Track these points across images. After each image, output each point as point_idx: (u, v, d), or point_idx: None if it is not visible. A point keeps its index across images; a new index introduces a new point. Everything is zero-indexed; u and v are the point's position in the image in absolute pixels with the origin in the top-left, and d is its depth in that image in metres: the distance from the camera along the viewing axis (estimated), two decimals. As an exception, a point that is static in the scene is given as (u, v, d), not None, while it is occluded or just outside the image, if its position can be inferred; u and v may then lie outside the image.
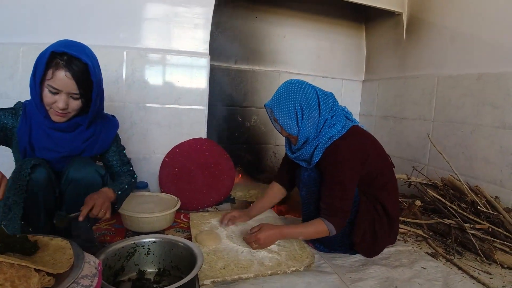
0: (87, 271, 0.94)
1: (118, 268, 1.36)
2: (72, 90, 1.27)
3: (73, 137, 1.39)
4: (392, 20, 2.97)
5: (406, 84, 2.81)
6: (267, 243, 1.62)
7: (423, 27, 2.69)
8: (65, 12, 2.21)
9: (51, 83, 1.24)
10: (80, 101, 1.32)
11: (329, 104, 1.58)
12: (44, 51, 1.25)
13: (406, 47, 2.85)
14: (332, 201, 1.52)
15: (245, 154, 3.10)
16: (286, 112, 1.54)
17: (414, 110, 2.72)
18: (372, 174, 1.60)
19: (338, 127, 1.55)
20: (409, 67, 2.81)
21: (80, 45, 1.31)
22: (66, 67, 1.23)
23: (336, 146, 1.53)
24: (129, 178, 1.52)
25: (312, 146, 1.57)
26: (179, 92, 2.46)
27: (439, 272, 1.59)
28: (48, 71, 1.24)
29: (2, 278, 0.74)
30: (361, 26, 3.34)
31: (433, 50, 2.59)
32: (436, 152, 2.28)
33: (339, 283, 1.45)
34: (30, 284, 0.75)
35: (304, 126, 1.54)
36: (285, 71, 3.08)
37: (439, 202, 2.06)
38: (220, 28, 2.84)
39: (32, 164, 1.26)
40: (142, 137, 2.43)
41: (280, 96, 1.56)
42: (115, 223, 1.97)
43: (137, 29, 2.37)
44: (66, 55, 1.24)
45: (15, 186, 1.23)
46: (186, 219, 2.09)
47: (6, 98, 2.14)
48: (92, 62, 1.29)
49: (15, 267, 0.80)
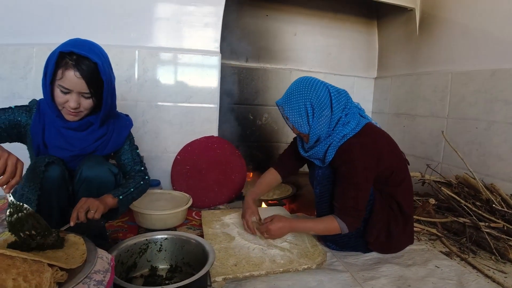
0: (100, 266, 0.94)
1: (131, 264, 1.38)
2: (82, 89, 1.27)
3: (85, 136, 1.40)
4: (404, 16, 2.94)
5: (419, 80, 2.78)
6: (278, 234, 1.63)
7: (436, 22, 2.65)
8: (77, 12, 2.24)
9: (61, 83, 1.25)
10: (92, 100, 1.32)
11: (342, 101, 1.55)
12: (53, 52, 1.26)
13: (418, 43, 2.82)
14: (345, 200, 1.50)
15: (256, 152, 3.10)
16: (296, 111, 1.53)
17: (427, 107, 2.68)
18: (387, 172, 1.57)
19: (352, 125, 1.53)
20: (422, 64, 2.78)
21: (89, 43, 1.31)
22: (75, 67, 1.23)
23: (350, 145, 1.51)
24: (138, 180, 1.49)
25: (325, 144, 1.55)
26: (190, 90, 2.47)
27: (453, 271, 1.56)
28: (58, 71, 1.24)
29: (15, 273, 0.75)
30: (373, 22, 3.31)
31: (446, 46, 2.55)
32: (450, 150, 2.25)
33: (352, 281, 1.43)
34: (43, 278, 0.76)
35: (316, 125, 1.52)
36: (296, 69, 3.07)
37: (453, 200, 2.03)
38: (231, 26, 2.84)
39: (47, 162, 1.27)
40: (154, 135, 2.45)
41: (291, 94, 1.55)
42: (128, 220, 1.99)
43: (149, 28, 2.39)
44: (74, 55, 1.24)
45: (29, 183, 1.24)
46: (198, 216, 2.11)
47: (19, 98, 2.17)
48: (101, 60, 1.29)
49: (28, 262, 0.82)
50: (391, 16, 3.11)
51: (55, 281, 0.80)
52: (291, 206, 2.42)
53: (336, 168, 1.55)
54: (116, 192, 1.35)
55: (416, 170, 2.37)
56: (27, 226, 1.01)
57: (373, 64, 3.36)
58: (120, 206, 1.36)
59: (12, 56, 2.20)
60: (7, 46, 2.18)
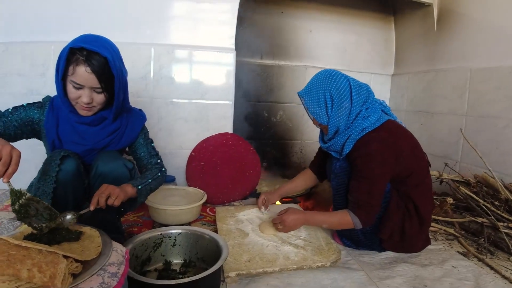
0: (114, 259, 0.95)
1: (145, 258, 1.39)
2: (94, 84, 1.29)
3: (98, 130, 1.42)
4: (422, 12, 2.88)
5: (437, 77, 2.72)
6: (291, 226, 1.64)
7: (454, 18, 2.59)
8: (94, 10, 2.27)
9: (73, 79, 1.27)
10: (104, 95, 1.34)
11: (363, 95, 1.54)
12: (64, 48, 1.28)
13: (436, 39, 2.76)
14: (359, 194, 1.49)
15: (270, 149, 3.09)
16: (315, 101, 1.53)
17: (446, 104, 2.63)
18: (405, 172, 1.54)
19: (372, 119, 1.52)
20: (440, 60, 2.72)
21: (99, 38, 1.33)
22: (85, 62, 1.25)
23: (368, 138, 1.49)
24: (155, 172, 1.52)
25: (344, 136, 1.54)
26: (205, 87, 2.48)
27: (470, 271, 1.53)
28: (69, 67, 1.26)
29: (30, 264, 0.76)
30: (390, 18, 3.26)
31: (465, 42, 2.49)
32: (469, 148, 2.20)
33: (366, 280, 1.42)
34: (57, 269, 0.77)
35: (334, 116, 1.52)
36: (312, 66, 3.05)
37: (471, 200, 1.98)
38: (246, 23, 2.84)
39: (62, 155, 1.28)
40: (169, 132, 2.47)
41: (312, 85, 1.56)
42: (143, 215, 2.01)
43: (164, 26, 2.40)
44: (85, 50, 1.25)
45: (45, 176, 1.26)
46: (212, 212, 2.11)
47: (37, 94, 2.21)
48: (112, 55, 1.30)
49: (43, 253, 0.83)
50: (408, 12, 3.06)
51: (69, 272, 0.81)
52: (305, 204, 2.41)
53: (352, 161, 1.53)
54: (135, 182, 1.38)
55: (434, 169, 2.32)
56: (31, 210, 1.02)
57: (390, 61, 3.31)
58: (139, 196, 1.39)
59: (31, 53, 2.24)
60: (27, 43, 2.23)
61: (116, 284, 0.86)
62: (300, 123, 3.09)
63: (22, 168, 1.19)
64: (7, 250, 0.80)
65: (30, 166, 1.58)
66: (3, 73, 2.25)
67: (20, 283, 0.74)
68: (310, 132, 3.09)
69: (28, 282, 0.74)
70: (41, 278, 0.74)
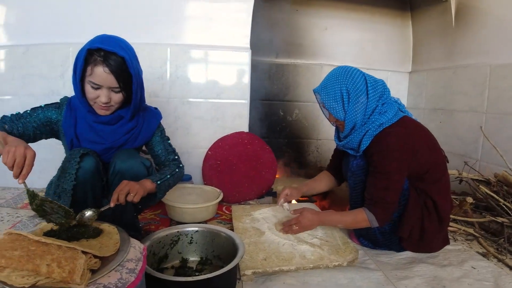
0: (132, 255, 0.97)
1: (162, 256, 1.41)
2: (112, 84, 1.31)
3: (115, 129, 1.44)
4: (439, 7, 2.83)
5: (456, 74, 2.67)
6: (307, 226, 1.64)
7: (472, 13, 2.54)
8: (111, 12, 2.31)
9: (91, 79, 1.30)
10: (121, 94, 1.36)
11: (379, 90, 1.53)
12: (81, 49, 1.31)
13: (455, 35, 2.70)
14: (375, 190, 1.47)
15: (286, 148, 3.08)
16: (332, 96, 1.53)
17: (465, 101, 2.57)
18: (424, 168, 1.52)
19: (389, 115, 1.50)
20: (459, 56, 2.66)
21: (115, 39, 1.35)
22: (103, 62, 1.27)
23: (385, 134, 1.48)
24: (173, 168, 1.53)
25: (361, 132, 1.53)
26: (221, 86, 2.49)
27: (490, 272, 1.50)
28: (87, 68, 1.29)
29: (49, 259, 0.78)
30: (407, 14, 3.20)
31: (484, 38, 2.43)
32: (489, 146, 2.15)
33: (384, 280, 1.40)
34: (76, 265, 0.78)
35: (351, 111, 1.51)
36: (327, 64, 3.02)
37: (491, 199, 1.94)
38: (261, 22, 2.83)
39: (81, 153, 1.31)
40: (186, 131, 2.49)
41: (328, 81, 1.56)
42: (160, 213, 2.03)
43: (179, 26, 2.43)
44: (102, 51, 1.28)
45: (64, 174, 1.29)
46: (228, 211, 2.12)
47: (57, 95, 2.24)
48: (128, 54, 1.32)
49: (62, 248, 0.84)
50: (425, 8, 3.00)
51: (88, 268, 0.82)
52: (322, 203, 2.40)
53: (369, 157, 1.52)
54: (154, 178, 1.40)
55: (454, 167, 2.27)
56: (47, 209, 1.06)
57: (407, 58, 3.25)
58: (158, 191, 1.41)
59: (51, 55, 2.30)
60: (46, 45, 2.28)
61: (134, 280, 0.88)
62: (316, 121, 3.07)
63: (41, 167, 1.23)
64: (27, 245, 0.82)
65: (50, 166, 1.61)
66: (23, 75, 2.31)
67: (39, 278, 0.76)
68: (326, 131, 3.07)
69: (47, 277, 0.76)
70: (60, 273, 0.75)
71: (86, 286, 0.78)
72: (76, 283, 0.76)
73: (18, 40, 2.31)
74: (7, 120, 1.31)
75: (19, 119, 1.34)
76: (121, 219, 1.40)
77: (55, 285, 0.77)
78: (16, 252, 0.78)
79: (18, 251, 0.79)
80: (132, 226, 1.48)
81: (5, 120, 1.31)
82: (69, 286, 0.77)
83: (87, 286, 0.79)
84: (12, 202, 2.10)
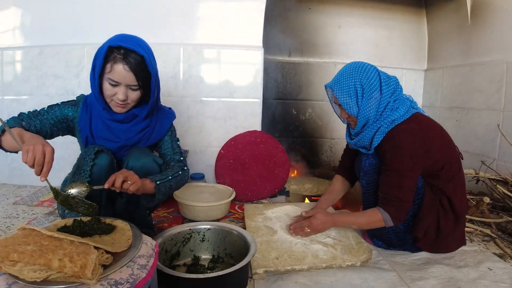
0: (144, 252, 0.97)
1: (174, 253, 1.41)
2: (130, 82, 1.32)
3: (129, 127, 1.45)
4: (454, 4, 2.77)
5: (472, 71, 2.61)
6: (319, 229, 1.62)
7: (488, 9, 2.48)
8: (126, 13, 2.35)
9: (110, 76, 1.31)
10: (139, 92, 1.38)
11: (392, 86, 1.52)
12: (102, 47, 1.32)
13: (471, 32, 2.65)
14: (388, 189, 1.45)
15: (300, 147, 3.07)
16: (346, 91, 1.51)
17: (482, 99, 2.52)
18: (438, 165, 1.50)
19: (401, 111, 1.48)
20: (475, 53, 2.61)
21: (135, 38, 1.37)
22: (123, 60, 1.29)
23: (397, 131, 1.46)
24: (176, 170, 1.50)
25: (373, 129, 1.51)
26: (233, 85, 2.49)
27: (506, 273, 1.46)
28: (106, 65, 1.30)
29: (61, 254, 0.78)
30: (422, 10, 3.14)
31: (501, 34, 2.37)
32: (507, 145, 2.10)
33: (398, 281, 1.38)
34: (88, 260, 0.78)
35: (364, 106, 1.50)
36: (341, 62, 2.99)
37: (509, 199, 1.90)
38: (273, 21, 2.83)
39: (96, 150, 1.33)
40: (199, 130, 2.50)
41: (341, 75, 1.54)
42: (173, 211, 2.04)
43: (192, 25, 2.44)
44: (122, 49, 1.29)
45: (80, 171, 1.30)
46: (241, 210, 2.12)
47: (72, 95, 2.29)
48: (147, 54, 1.34)
49: (75, 244, 0.85)
50: (440, 4, 2.94)
51: (100, 263, 0.82)
52: (335, 203, 2.37)
53: (382, 154, 1.50)
54: (154, 178, 1.37)
55: (470, 167, 2.22)
56: (72, 203, 1.10)
57: (423, 56, 3.19)
58: (157, 192, 1.37)
59: (66, 55, 2.34)
60: (61, 46, 2.33)
61: (145, 276, 0.88)
62: (329, 120, 3.05)
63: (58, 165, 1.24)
64: (40, 240, 0.83)
65: (66, 163, 1.64)
66: (40, 75, 2.36)
67: (51, 272, 0.76)
68: (339, 130, 3.04)
69: (59, 272, 0.76)
70: (72, 268, 0.76)
71: (98, 281, 0.79)
72: (87, 278, 0.77)
73: (34, 41, 2.36)
74: (25, 117, 1.33)
75: (36, 116, 1.36)
76: (135, 216, 1.41)
77: (66, 279, 0.77)
78: (29, 246, 0.79)
79: (31, 246, 0.79)
80: (145, 223, 1.49)
81: (22, 117, 1.33)
82: (80, 280, 0.77)
83: (99, 281, 0.79)
84: (28, 200, 2.14)
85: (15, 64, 2.38)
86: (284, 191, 2.44)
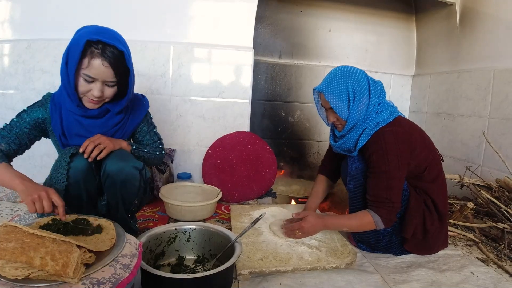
0: (127, 251, 0.96)
1: (159, 252, 1.40)
2: (108, 78, 1.27)
3: (103, 122, 1.41)
4: (444, 11, 2.81)
5: (459, 78, 2.66)
6: (310, 232, 1.62)
7: (477, 18, 2.53)
8: (115, 9, 2.32)
9: (86, 72, 1.25)
10: (115, 88, 1.33)
11: (378, 90, 1.56)
12: (77, 40, 1.24)
13: (459, 40, 2.69)
14: (377, 191, 1.47)
15: (287, 149, 3.08)
16: (337, 95, 1.52)
17: (469, 106, 2.56)
18: (421, 166, 1.54)
19: (385, 114, 1.52)
20: (463, 61, 2.65)
21: (112, 31, 1.31)
22: (102, 55, 1.23)
23: (382, 133, 1.49)
24: (154, 149, 1.56)
25: (358, 131, 1.54)
26: (223, 86, 2.49)
27: (489, 278, 1.48)
28: (83, 60, 1.24)
29: (43, 252, 0.77)
30: (411, 17, 3.19)
31: (489, 42, 2.42)
32: (491, 152, 2.14)
33: (382, 283, 1.39)
34: (70, 258, 0.78)
35: (355, 110, 1.52)
36: (331, 65, 3.01)
37: (492, 205, 1.92)
38: (264, 22, 2.84)
39: (71, 153, 1.28)
40: (187, 129, 2.49)
41: (332, 79, 1.55)
42: (159, 210, 2.03)
43: (183, 24, 2.43)
44: (101, 43, 1.23)
45: (57, 175, 1.26)
46: (227, 210, 2.11)
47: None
48: (126, 49, 1.30)
49: (57, 242, 0.84)
50: (430, 11, 2.99)
51: (82, 262, 0.82)
52: (321, 205, 2.38)
53: (368, 158, 1.52)
54: (131, 143, 1.43)
55: (455, 172, 2.26)
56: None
57: (411, 61, 3.24)
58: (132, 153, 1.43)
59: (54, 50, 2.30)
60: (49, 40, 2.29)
61: (128, 276, 0.87)
62: (317, 123, 3.06)
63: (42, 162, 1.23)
64: (22, 238, 0.82)
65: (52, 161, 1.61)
66: (27, 69, 2.31)
67: (33, 270, 0.75)
68: (327, 132, 3.04)
69: (41, 270, 0.76)
70: (54, 267, 0.75)
71: (79, 280, 0.78)
72: (69, 276, 0.76)
73: (22, 35, 2.31)
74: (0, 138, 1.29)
75: (11, 131, 1.31)
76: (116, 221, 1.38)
77: (48, 278, 0.76)
78: (11, 244, 0.78)
79: (13, 243, 0.78)
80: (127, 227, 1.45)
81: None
82: (62, 279, 0.76)
83: (80, 280, 0.78)
84: (12, 196, 2.10)
85: (2, 57, 2.33)
86: (271, 192, 2.44)
